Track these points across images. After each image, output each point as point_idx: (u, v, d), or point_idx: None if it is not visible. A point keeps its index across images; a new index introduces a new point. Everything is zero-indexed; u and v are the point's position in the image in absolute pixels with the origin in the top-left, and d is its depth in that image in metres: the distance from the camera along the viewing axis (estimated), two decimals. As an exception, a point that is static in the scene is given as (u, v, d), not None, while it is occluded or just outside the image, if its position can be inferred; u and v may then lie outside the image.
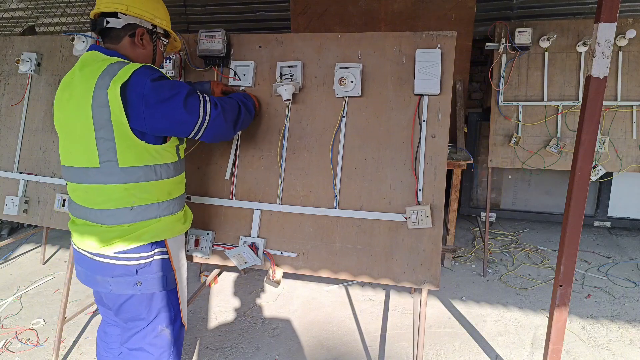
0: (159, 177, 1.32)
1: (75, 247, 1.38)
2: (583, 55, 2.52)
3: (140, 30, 1.35)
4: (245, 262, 1.67)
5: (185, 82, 1.72)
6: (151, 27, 1.38)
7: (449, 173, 2.57)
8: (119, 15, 1.31)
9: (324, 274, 1.65)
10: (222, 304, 2.59)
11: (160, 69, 1.35)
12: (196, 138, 1.37)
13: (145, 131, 1.26)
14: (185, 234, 1.73)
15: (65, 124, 1.30)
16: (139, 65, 1.25)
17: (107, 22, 1.31)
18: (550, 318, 1.70)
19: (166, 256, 1.38)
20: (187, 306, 2.41)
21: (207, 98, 1.37)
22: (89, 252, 1.34)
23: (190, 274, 2.95)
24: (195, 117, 1.31)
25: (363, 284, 2.78)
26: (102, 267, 1.33)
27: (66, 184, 1.39)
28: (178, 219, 1.43)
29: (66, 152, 1.33)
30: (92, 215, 1.32)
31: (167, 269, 1.39)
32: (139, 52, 1.37)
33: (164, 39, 1.46)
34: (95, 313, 2.48)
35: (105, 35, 1.35)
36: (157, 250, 1.36)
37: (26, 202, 2.07)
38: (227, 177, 1.75)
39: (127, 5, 1.32)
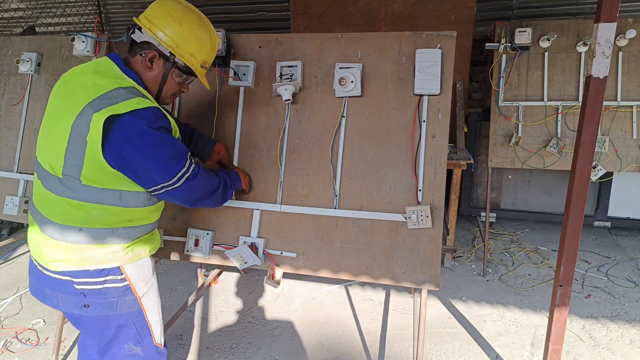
0: (123, 204, 1.22)
1: (30, 255, 1.30)
2: (583, 55, 2.52)
3: (151, 54, 1.25)
4: (245, 262, 1.67)
5: (193, 129, 1.61)
6: (168, 54, 1.27)
7: (449, 173, 2.58)
8: (142, 30, 1.25)
9: (324, 274, 1.65)
10: (222, 304, 2.59)
11: (170, 116, 1.25)
12: (152, 194, 1.27)
13: (113, 164, 1.16)
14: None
15: (51, 117, 1.22)
16: (146, 105, 1.16)
17: (133, 32, 1.26)
18: (550, 318, 1.70)
19: (125, 283, 1.27)
20: (187, 307, 2.42)
21: (192, 168, 1.27)
22: (37, 263, 1.26)
23: (190, 274, 2.96)
24: (166, 179, 1.21)
25: (363, 284, 2.78)
26: (50, 281, 1.24)
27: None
28: (130, 246, 1.29)
29: (41, 147, 1.23)
30: (42, 223, 1.23)
31: (124, 294, 1.28)
32: (147, 73, 1.28)
33: (185, 73, 1.33)
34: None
35: (130, 45, 1.29)
36: (109, 277, 1.24)
37: (26, 202, 2.07)
38: None
39: (152, 24, 1.24)
